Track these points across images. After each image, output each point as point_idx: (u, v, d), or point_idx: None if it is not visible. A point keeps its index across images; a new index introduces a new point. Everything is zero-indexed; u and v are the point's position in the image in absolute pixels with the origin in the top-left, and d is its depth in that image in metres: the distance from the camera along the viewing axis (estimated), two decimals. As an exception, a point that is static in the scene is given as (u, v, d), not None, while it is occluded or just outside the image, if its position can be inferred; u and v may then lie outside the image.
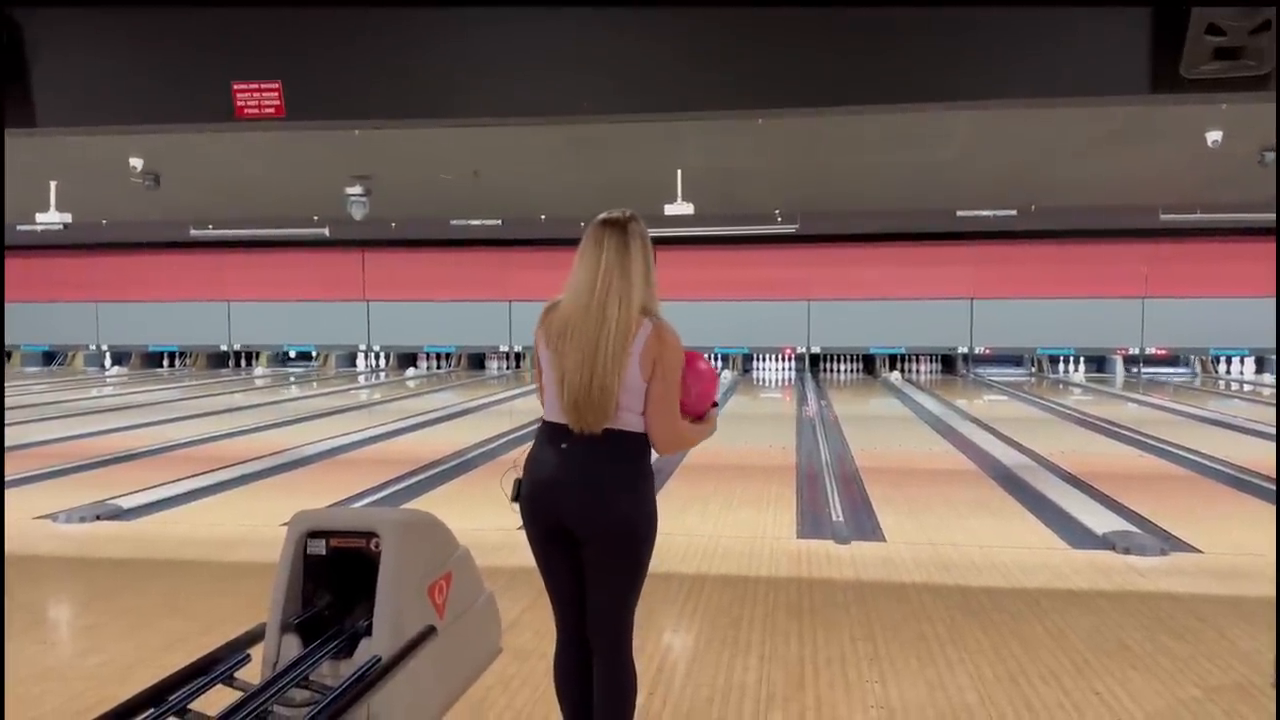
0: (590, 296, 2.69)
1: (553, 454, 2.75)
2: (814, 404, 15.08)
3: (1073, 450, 10.10)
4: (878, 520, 6.80)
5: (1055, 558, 5.78)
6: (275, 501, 7.47)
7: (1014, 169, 13.13)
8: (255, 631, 3.34)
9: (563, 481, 2.72)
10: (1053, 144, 11.64)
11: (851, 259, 20.84)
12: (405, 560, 3.29)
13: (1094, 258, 20.29)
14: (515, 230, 19.05)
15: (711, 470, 8.80)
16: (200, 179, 13.61)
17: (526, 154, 12.03)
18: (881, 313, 21.10)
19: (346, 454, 10.07)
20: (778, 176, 13.60)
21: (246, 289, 22.95)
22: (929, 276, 20.82)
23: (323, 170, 12.99)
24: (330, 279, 22.57)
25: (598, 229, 2.77)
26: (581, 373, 2.65)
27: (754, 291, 21.22)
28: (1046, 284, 20.55)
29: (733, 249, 20.58)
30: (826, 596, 4.95)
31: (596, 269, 2.70)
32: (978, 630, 4.41)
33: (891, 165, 12.64)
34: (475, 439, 10.73)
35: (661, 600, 4.86)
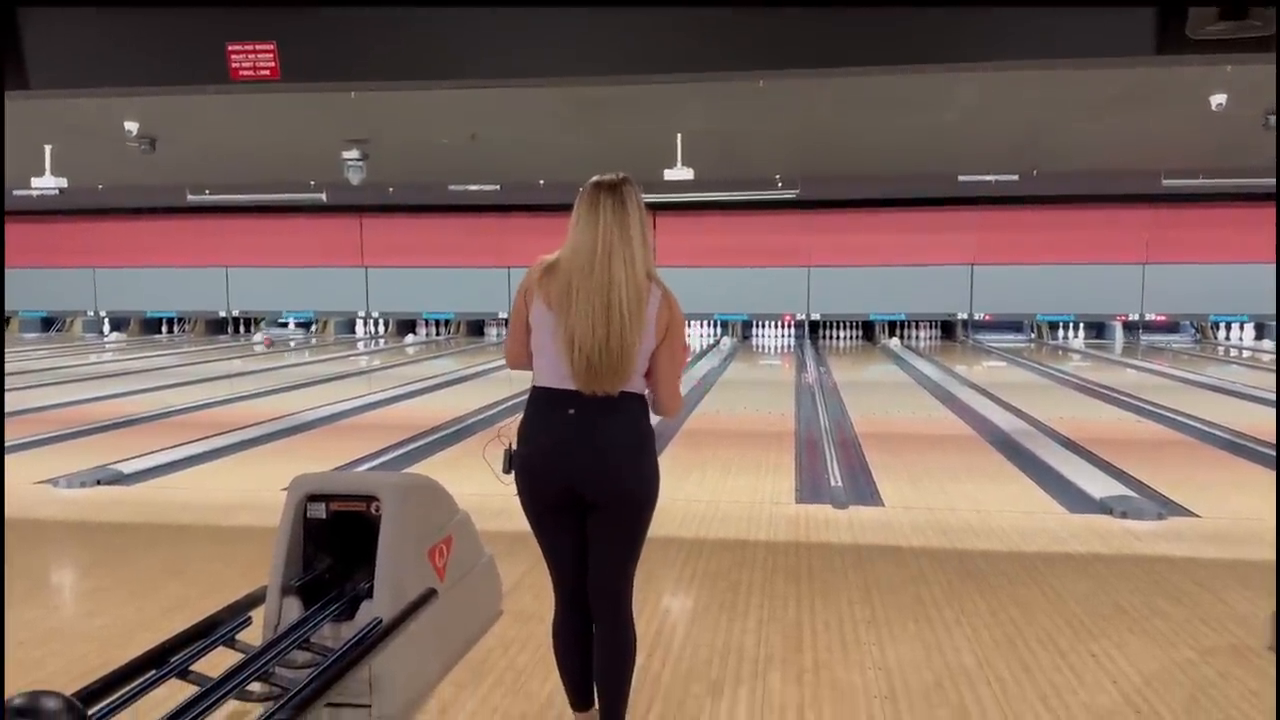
0: (593, 257, 2.63)
1: (559, 420, 2.67)
2: (813, 371, 15.09)
3: (1071, 416, 10.12)
4: (876, 486, 6.82)
5: (1053, 522, 5.80)
6: (275, 466, 7.48)
7: (1016, 133, 13.07)
8: (256, 594, 3.37)
9: (575, 447, 2.65)
10: (1056, 108, 11.58)
11: (852, 225, 20.79)
12: (406, 523, 3.31)
13: (1095, 223, 20.24)
14: (514, 196, 18.98)
15: (711, 436, 8.82)
16: (196, 143, 13.53)
17: (524, 118, 11.97)
18: (881, 279, 21.07)
19: (346, 420, 10.08)
20: (778, 141, 13.53)
21: (245, 255, 22.89)
22: (930, 243, 20.77)
23: (319, 134, 12.92)
24: (328, 245, 22.51)
25: (592, 192, 2.70)
26: (595, 333, 2.59)
27: (754, 258, 21.18)
28: (1047, 250, 20.51)
29: (732, 215, 20.52)
30: (825, 561, 4.98)
31: (596, 230, 2.65)
32: (975, 594, 4.44)
33: (893, 129, 12.57)
34: (475, 405, 10.75)
35: (661, 564, 4.89)
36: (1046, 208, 19.94)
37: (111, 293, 23.57)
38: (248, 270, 23.04)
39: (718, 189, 16.85)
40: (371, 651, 2.97)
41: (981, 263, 20.96)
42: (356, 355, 19.27)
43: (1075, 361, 17.27)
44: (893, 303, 21.33)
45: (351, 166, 13.81)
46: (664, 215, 20.68)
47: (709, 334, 22.29)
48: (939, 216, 20.48)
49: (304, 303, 23.29)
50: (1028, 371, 15.45)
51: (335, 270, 22.71)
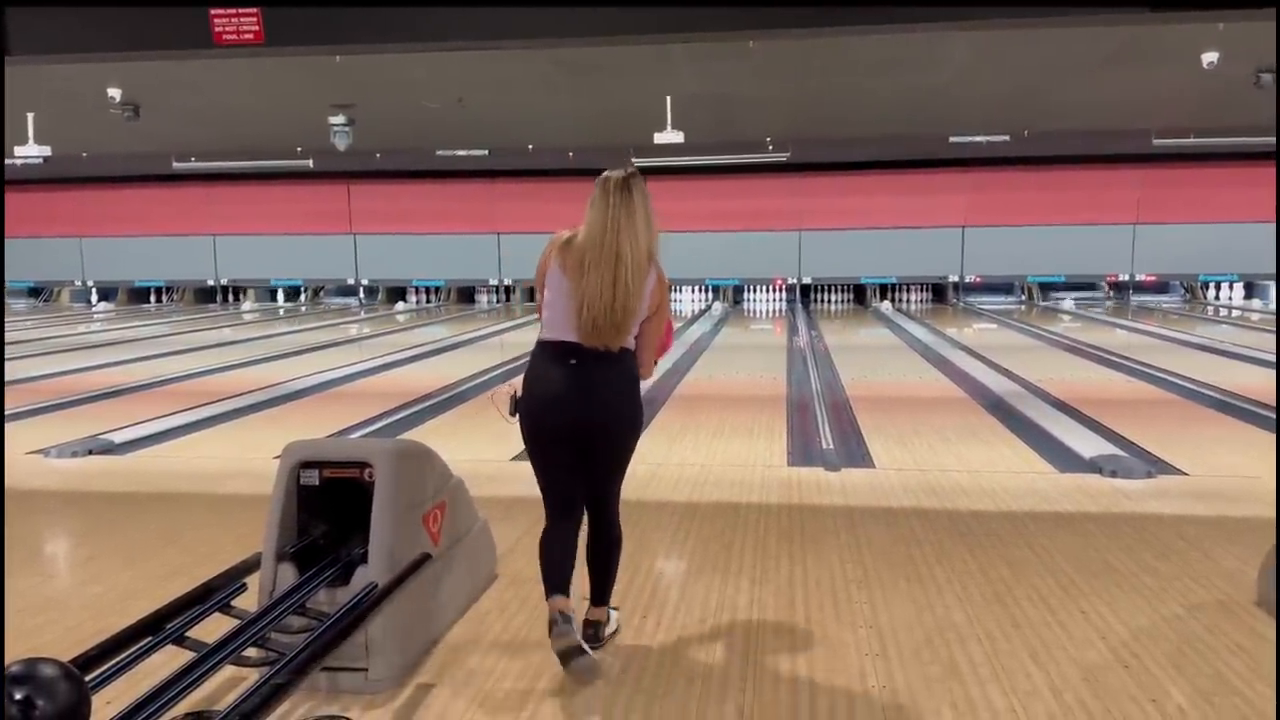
0: (603, 237, 3.21)
1: (562, 369, 3.23)
2: (805, 334, 15.12)
3: (1061, 376, 10.17)
4: (867, 447, 6.86)
5: (1043, 482, 5.85)
6: (267, 434, 7.49)
7: (1009, 93, 13.04)
8: (251, 561, 3.39)
9: (576, 392, 3.21)
10: (1048, 68, 11.55)
11: (843, 188, 20.75)
12: (399, 489, 3.33)
13: (1086, 183, 20.23)
14: (503, 161, 18.92)
15: (703, 400, 8.84)
16: (181, 110, 13.44)
17: (513, 81, 11.91)
18: (873, 242, 21.06)
19: (338, 388, 10.09)
20: (769, 103, 13.49)
21: (232, 223, 22.79)
22: (921, 205, 20.75)
23: (305, 99, 12.84)
24: (316, 212, 22.42)
25: (603, 183, 3.28)
26: (603, 297, 3.16)
27: (745, 222, 21.14)
28: (1038, 211, 20.50)
29: (723, 178, 20.46)
30: (817, 522, 5.02)
31: (606, 214, 3.22)
32: (965, 553, 4.48)
33: (885, 90, 12.54)
34: (467, 372, 10.75)
35: (654, 527, 4.92)
36: (1038, 168, 19.93)
37: (99, 262, 23.46)
38: (235, 238, 22.95)
39: (708, 153, 16.82)
40: (367, 616, 3.00)
41: (972, 225, 20.96)
42: (347, 323, 19.24)
43: (1065, 322, 17.31)
44: (884, 266, 21.35)
45: (338, 132, 13.74)
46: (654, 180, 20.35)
47: (700, 299, 22.29)
48: (930, 178, 20.45)
49: (293, 270, 23.22)
50: (1018, 333, 15.50)
51: (324, 238, 22.63)
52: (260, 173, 20.52)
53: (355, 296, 23.82)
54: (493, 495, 5.35)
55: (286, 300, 24.24)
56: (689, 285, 22.21)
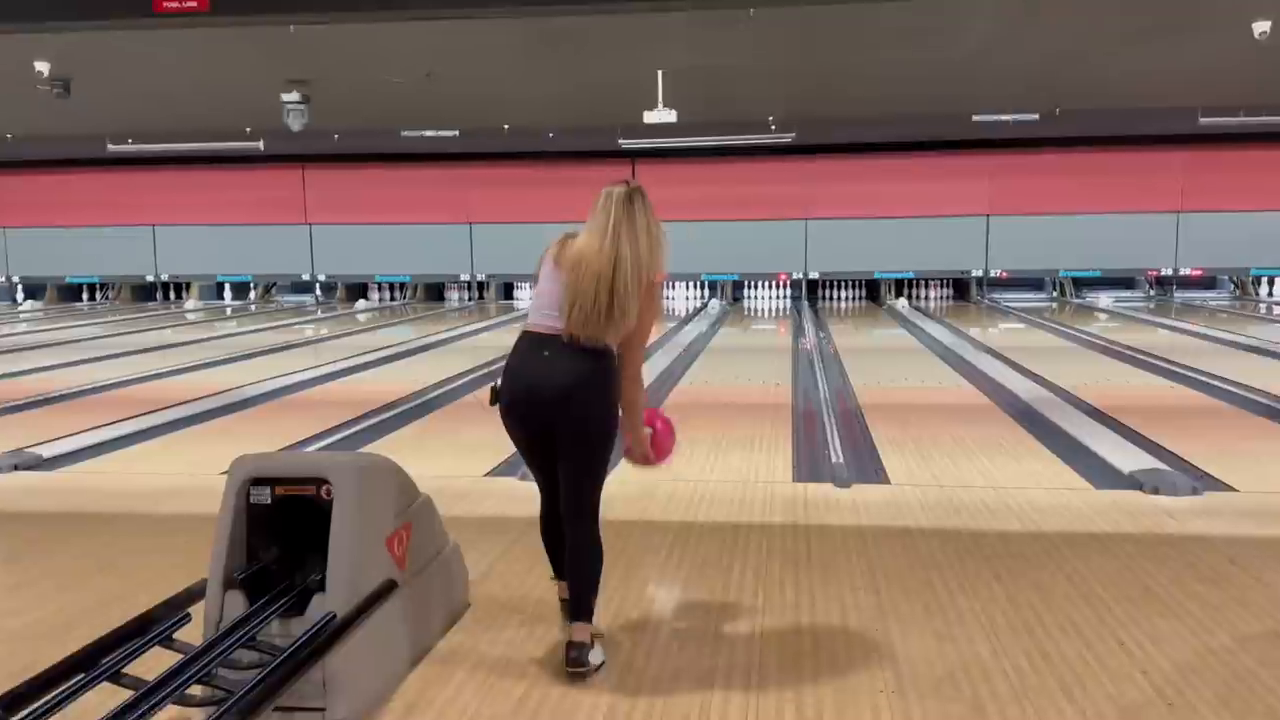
0: (601, 241, 3.58)
1: (535, 359, 3.63)
2: (812, 335, 15.14)
3: (1097, 382, 10.20)
4: (881, 461, 6.88)
5: (1077, 499, 5.87)
6: (214, 447, 7.47)
7: (1038, 67, 13.04)
8: (195, 589, 3.39)
9: (545, 384, 3.58)
10: (1081, 38, 11.57)
11: (854, 172, 20.78)
12: (360, 508, 3.34)
13: (1125, 168, 20.27)
14: (476, 143, 18.87)
15: (699, 410, 8.85)
16: (117, 87, 13.39)
17: (486, 54, 11.89)
18: (887, 233, 21.07)
19: (292, 395, 10.07)
20: (772, 78, 13.49)
21: (174, 212, 22.69)
22: (941, 191, 20.78)
23: (255, 75, 12.80)
24: (268, 200, 22.36)
25: (605, 194, 3.68)
26: (599, 298, 3.52)
27: (744, 210, 21.14)
28: (1071, 198, 20.50)
29: (721, 162, 20.46)
30: (826, 544, 5.03)
31: (608, 219, 3.61)
32: (990, 578, 4.50)
33: (900, 64, 12.54)
34: (435, 378, 10.74)
35: (645, 551, 4.93)
36: (1070, 151, 19.96)
37: (25, 256, 23.33)
38: (177, 229, 22.84)
39: (704, 133, 16.81)
40: (325, 650, 3.00)
41: (998, 213, 20.99)
42: (302, 323, 19.21)
43: (1102, 322, 17.37)
44: (900, 259, 21.36)
45: (292, 111, 13.70)
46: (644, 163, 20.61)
47: (695, 296, 22.30)
48: (951, 162, 20.48)
49: (241, 265, 23.15)
50: (1049, 334, 15.54)
51: (276, 229, 22.56)
52: (205, 156, 20.41)
53: (311, 294, 23.73)
54: (464, 515, 5.35)
55: (234, 298, 24.16)
56: (683, 281, 22.21)
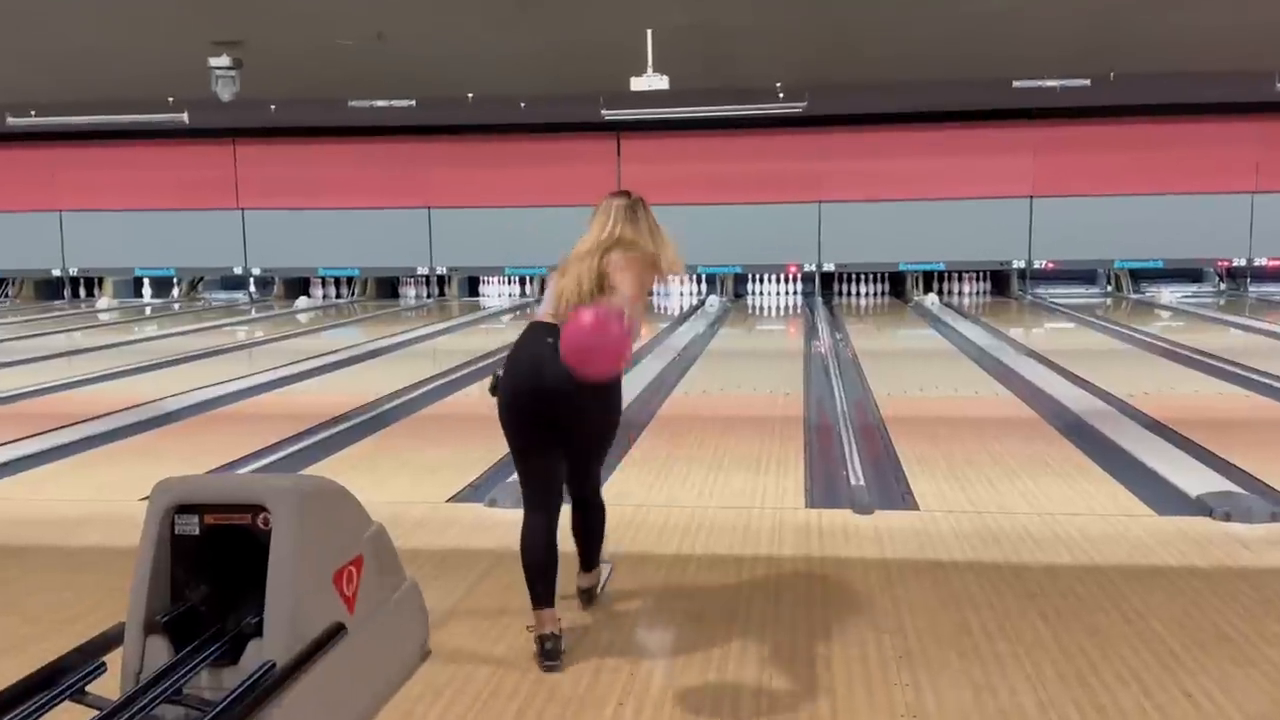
0: (597, 243, 4.30)
1: (540, 345, 4.18)
2: (826, 337, 15.15)
3: (1159, 390, 10.23)
4: (908, 484, 6.89)
5: (1136, 527, 5.88)
6: (133, 469, 7.45)
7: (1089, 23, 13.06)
8: (112, 633, 3.37)
9: (548, 364, 4.07)
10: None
11: (875, 147, 20.79)
12: (303, 540, 3.33)
13: (1190, 141, 20.31)
14: (434, 114, 18.86)
15: (696, 424, 8.84)
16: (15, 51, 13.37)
17: (447, 11, 11.90)
18: (914, 218, 21.08)
19: (222, 408, 10.05)
20: (779, 38, 13.51)
21: (84, 196, 22.64)
22: (976, 169, 20.80)
23: (178, 35, 12.79)
24: (193, 182, 22.32)
25: (604, 204, 4.42)
26: (581, 289, 4.17)
27: (748, 192, 21.15)
28: (1127, 177, 20.54)
29: (719, 136, 20.48)
30: (844, 581, 5.04)
31: (607, 220, 4.37)
32: (1036, 619, 4.50)
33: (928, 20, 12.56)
34: (389, 387, 10.72)
35: (634, 588, 4.93)
36: (1126, 121, 20.02)
37: (-92, 247, 23.29)
38: (88, 216, 22.79)
39: (700, 103, 16.80)
40: (262, 704, 2.99)
41: (1043, 194, 21.02)
42: (234, 325, 19.16)
43: (1164, 320, 17.42)
44: (928, 248, 21.37)
45: (221, 78, 13.68)
46: (631, 137, 20.65)
47: (691, 292, 22.28)
48: (988, 135, 20.52)
49: (163, 257, 23.09)
50: (1103, 335, 15.57)
51: (202, 215, 22.51)
52: (120, 130, 20.34)
53: (244, 290, 23.69)
54: (423, 546, 5.35)
55: (155, 296, 24.10)
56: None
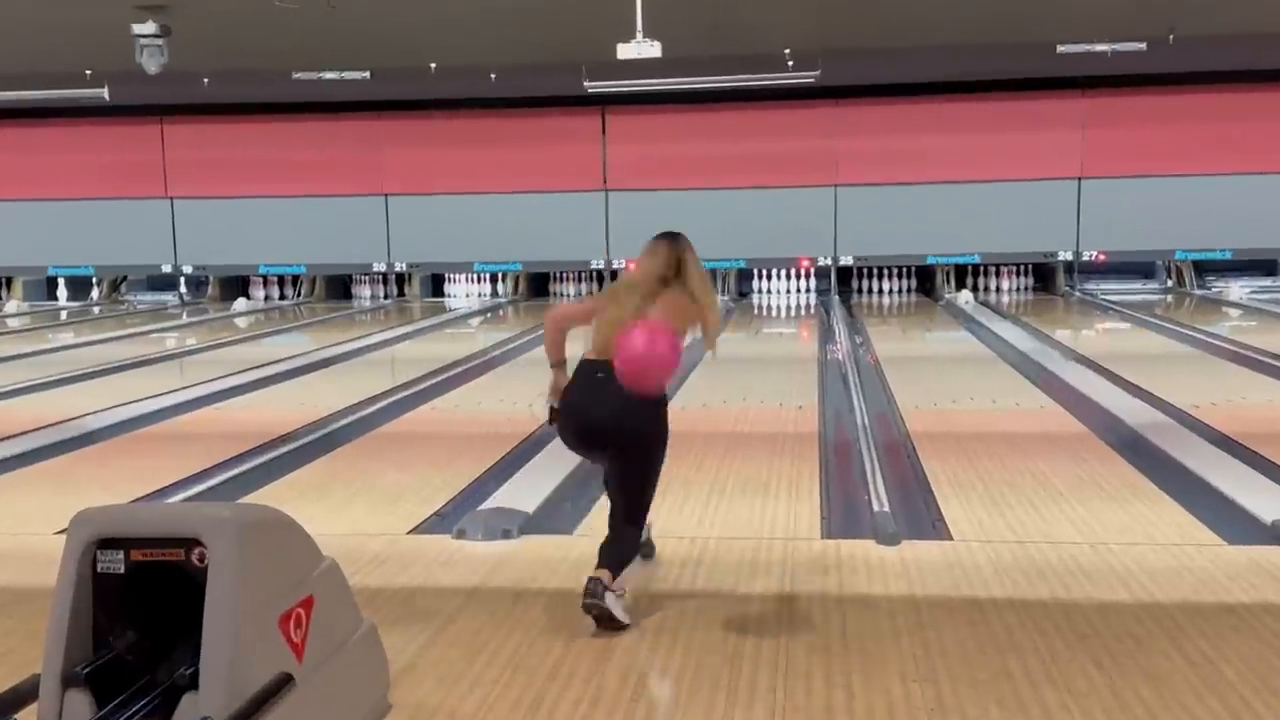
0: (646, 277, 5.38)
1: (589, 380, 5.19)
2: (844, 341, 15.16)
3: (1228, 400, 10.25)
4: (939, 509, 6.89)
5: (1202, 558, 5.88)
6: (47, 498, 7.45)
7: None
8: (25, 687, 3.37)
9: (589, 400, 5.17)
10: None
11: (899, 122, 20.81)
12: (245, 579, 3.32)
13: (1259, 113, 20.33)
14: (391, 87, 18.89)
15: (695, 442, 8.84)
16: (-90, 15, 13.36)
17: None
18: (944, 203, 21.10)
19: (149, 427, 10.05)
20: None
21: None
22: (1015, 147, 20.82)
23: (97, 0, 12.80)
24: (115, 166, 22.32)
25: (650, 245, 5.43)
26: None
27: (753, 174, 21.15)
28: (1188, 154, 20.56)
29: (720, 110, 20.49)
30: (867, 620, 5.04)
31: (654, 262, 5.38)
32: (1088, 663, 4.51)
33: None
34: (343, 402, 10.72)
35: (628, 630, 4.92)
36: (1187, 91, 20.06)
37: None
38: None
39: (698, 73, 16.82)
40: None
41: (1093, 175, 21.04)
42: (162, 331, 19.14)
43: (1234, 320, 17.45)
44: (961, 239, 21.39)
45: (147, 48, 13.67)
46: (618, 113, 20.67)
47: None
48: (1029, 108, 20.57)
49: (81, 253, 23.07)
50: (1162, 336, 15.58)
51: (126, 205, 22.53)
52: (31, 109, 20.36)
53: (174, 291, 23.68)
54: (383, 585, 5.35)
55: (71, 298, 24.09)
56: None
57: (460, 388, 12.01)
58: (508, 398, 11.09)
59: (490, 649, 4.42)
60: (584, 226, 21.41)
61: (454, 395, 11.55)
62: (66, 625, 3.28)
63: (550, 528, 6.54)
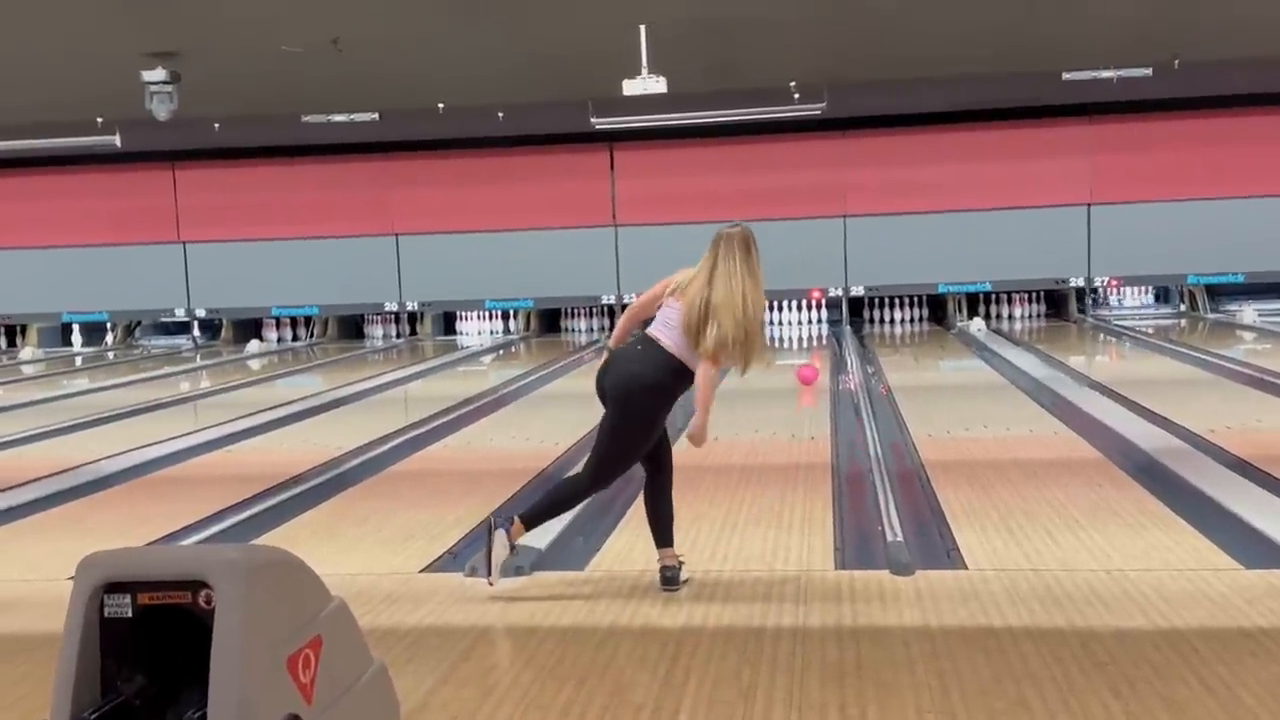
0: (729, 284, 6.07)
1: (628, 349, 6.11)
2: (856, 371, 15.16)
3: (1243, 424, 10.21)
4: (954, 538, 6.87)
5: (1220, 583, 5.85)
6: (61, 543, 7.43)
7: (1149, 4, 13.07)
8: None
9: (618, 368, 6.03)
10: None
11: (906, 153, 20.83)
12: (252, 620, 3.31)
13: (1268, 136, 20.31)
14: (400, 128, 18.96)
15: (704, 475, 8.82)
16: (-79, 66, 13.45)
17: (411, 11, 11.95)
18: (954, 232, 21.10)
19: (163, 470, 10.08)
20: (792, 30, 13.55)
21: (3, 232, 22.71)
22: (1024, 175, 20.83)
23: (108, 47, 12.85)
24: (128, 212, 22.43)
25: (723, 241, 6.21)
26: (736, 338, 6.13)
27: (761, 207, 21.02)
28: (1199, 179, 20.53)
29: (727, 144, 20.53)
30: (881, 651, 5.01)
31: (731, 265, 6.09)
32: (1105, 692, 4.48)
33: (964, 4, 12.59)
34: (355, 441, 10.74)
35: (635, 665, 4.91)
36: (1195, 115, 20.06)
37: None
38: (8, 255, 22.87)
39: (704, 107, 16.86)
40: (208, 813, 2.98)
41: (1102, 201, 21.03)
42: (176, 374, 19.18)
43: (1248, 344, 17.41)
44: (972, 266, 21.38)
45: (157, 94, 13.74)
46: (626, 148, 20.73)
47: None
48: (1036, 135, 20.58)
49: (95, 299, 23.14)
50: (1176, 360, 15.56)
51: (139, 250, 22.60)
52: (43, 157, 20.46)
53: (187, 335, 23.76)
54: (395, 624, 5.33)
55: (86, 344, 24.17)
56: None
57: (473, 424, 12.01)
58: (520, 434, 11.11)
59: (502, 688, 4.40)
60: (594, 262, 21.46)
61: (466, 432, 11.54)
62: (74, 671, 3.26)
63: (562, 564, 6.51)
